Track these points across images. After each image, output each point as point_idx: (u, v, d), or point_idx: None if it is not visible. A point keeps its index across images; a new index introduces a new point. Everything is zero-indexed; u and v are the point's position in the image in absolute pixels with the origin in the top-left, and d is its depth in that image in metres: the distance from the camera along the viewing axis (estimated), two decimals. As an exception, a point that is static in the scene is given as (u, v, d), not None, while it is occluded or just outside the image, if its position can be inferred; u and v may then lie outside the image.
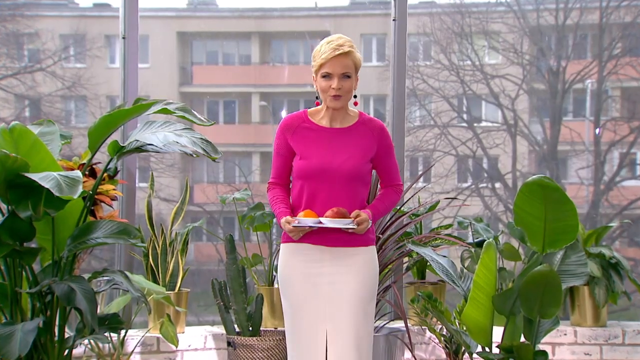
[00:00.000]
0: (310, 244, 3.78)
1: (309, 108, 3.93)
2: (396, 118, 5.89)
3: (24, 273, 4.15)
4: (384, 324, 5.31)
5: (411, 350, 5.09)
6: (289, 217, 3.71)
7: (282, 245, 3.88)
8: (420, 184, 7.01)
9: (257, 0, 8.46)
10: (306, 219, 3.67)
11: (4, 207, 4.09)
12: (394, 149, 3.93)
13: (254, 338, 4.91)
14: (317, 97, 3.84)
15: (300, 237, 3.75)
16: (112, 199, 4.74)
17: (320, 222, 3.65)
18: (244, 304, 5.02)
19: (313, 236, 3.76)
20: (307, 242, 3.78)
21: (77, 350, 4.86)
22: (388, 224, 5.15)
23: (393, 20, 5.88)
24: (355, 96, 3.83)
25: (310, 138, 3.82)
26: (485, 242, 4.37)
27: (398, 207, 5.28)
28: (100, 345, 4.89)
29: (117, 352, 4.84)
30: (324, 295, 3.73)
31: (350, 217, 3.70)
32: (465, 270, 4.81)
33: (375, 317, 5.09)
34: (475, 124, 9.24)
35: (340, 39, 3.77)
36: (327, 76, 3.74)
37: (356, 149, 3.79)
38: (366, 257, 3.79)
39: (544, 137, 8.98)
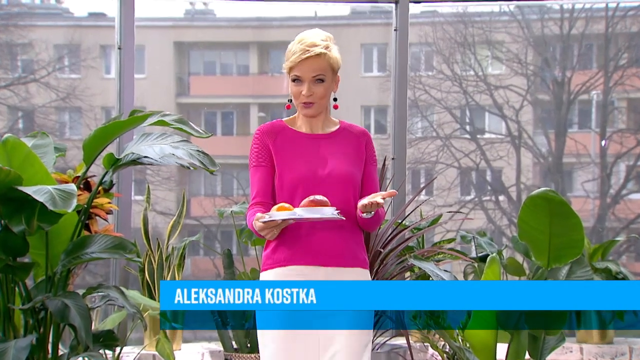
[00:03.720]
0: (298, 266, 3.29)
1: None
2: (398, 129, 5.89)
3: (16, 289, 4.15)
4: (386, 341, 5.30)
5: (413, 368, 5.08)
6: (259, 214, 3.18)
7: (261, 274, 3.38)
8: (422, 197, 7.01)
9: (256, 10, 8.48)
10: (279, 213, 3.14)
11: (-4, 221, 4.09)
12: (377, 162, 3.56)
13: (252, 355, 4.91)
14: (289, 100, 3.45)
15: (275, 236, 3.23)
16: (108, 213, 4.73)
17: (296, 214, 3.13)
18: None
19: (301, 255, 3.30)
20: (294, 265, 3.30)
21: (71, 368, 4.85)
22: (389, 237, 5.15)
23: (394, 29, 5.90)
24: (335, 99, 3.47)
25: (294, 145, 3.41)
26: (488, 257, 4.36)
27: (400, 221, 5.28)
28: (95, 362, 4.88)
29: (112, 370, 4.83)
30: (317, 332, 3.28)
31: (331, 206, 3.17)
32: (468, 286, 4.80)
33: (376, 333, 5.09)
34: (478, 136, 9.24)
35: (315, 36, 3.39)
36: (297, 80, 3.37)
37: (345, 153, 3.42)
38: None
39: (549, 149, 8.99)
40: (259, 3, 6.37)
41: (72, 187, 3.83)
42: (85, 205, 4.28)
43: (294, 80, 3.38)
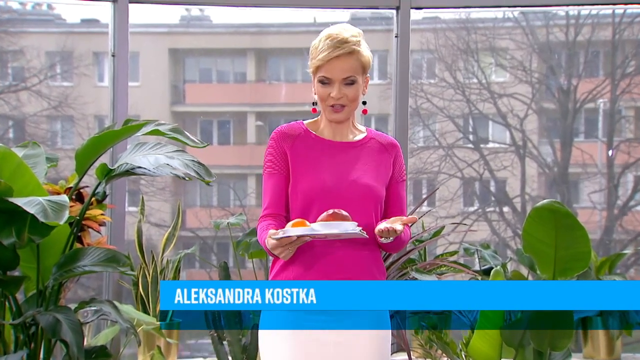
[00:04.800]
0: None
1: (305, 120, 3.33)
2: (399, 139, 5.90)
3: (7, 303, 4.15)
4: (387, 357, 5.29)
5: (415, 384, 5.08)
6: (272, 231, 2.98)
7: None
8: (424, 208, 7.01)
9: (253, 16, 8.51)
10: (294, 229, 2.94)
11: (-14, 233, 4.09)
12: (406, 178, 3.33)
13: (249, 371, 4.90)
14: (314, 104, 3.24)
15: (290, 256, 3.04)
16: (101, 225, 4.74)
17: (314, 230, 2.94)
18: (238, 335, 5.01)
19: (313, 276, 3.09)
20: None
21: (63, 385, 4.85)
22: (390, 250, 5.14)
23: (395, 36, 5.90)
24: (364, 102, 3.24)
25: (313, 152, 3.18)
26: (492, 270, 4.37)
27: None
28: (87, 379, 4.88)
29: (104, 387, 4.82)
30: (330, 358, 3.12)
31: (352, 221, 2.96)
32: (471, 300, 4.79)
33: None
34: (481, 145, 9.25)
35: (345, 31, 3.14)
36: (325, 81, 3.14)
37: (370, 166, 3.19)
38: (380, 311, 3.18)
39: (554, 159, 8.99)
40: (256, 9, 6.38)
41: (64, 198, 3.83)
42: (78, 217, 4.28)
43: (321, 82, 3.14)
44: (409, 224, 3.16)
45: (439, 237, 5.58)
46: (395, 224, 3.02)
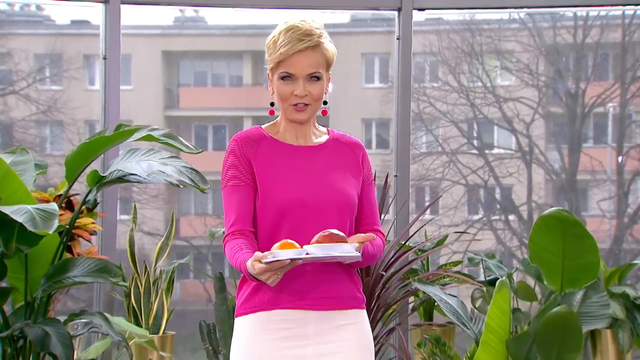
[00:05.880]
0: (286, 310, 2.94)
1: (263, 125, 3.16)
2: (401, 144, 5.90)
3: (-7, 315, 4.15)
4: (388, 371, 5.29)
5: (418, 400, 5.07)
6: (259, 253, 2.73)
7: (237, 320, 3.01)
8: (427, 216, 7.02)
9: (250, 17, 8.49)
10: (285, 252, 2.71)
11: (-28, 242, 4.09)
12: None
13: (246, 386, 4.89)
14: (271, 104, 3.09)
15: (277, 281, 2.77)
16: (91, 234, 4.74)
17: (308, 253, 2.72)
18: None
19: (288, 296, 2.93)
20: (280, 308, 2.93)
21: (52, 400, 4.84)
22: (392, 260, 5.15)
23: (397, 38, 5.92)
24: (325, 102, 3.06)
25: (279, 159, 3.01)
26: (498, 281, 4.37)
27: (403, 242, 5.28)
28: (77, 394, 4.88)
29: (95, 402, 4.82)
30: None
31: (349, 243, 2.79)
32: (476, 311, 4.81)
33: (378, 363, 5.09)
34: (486, 151, 9.24)
35: (305, 23, 3.00)
36: (287, 78, 2.99)
37: (340, 170, 3.04)
38: (360, 329, 3.01)
39: (562, 166, 8.99)
40: (253, 10, 6.40)
41: (54, 206, 3.83)
42: (68, 226, 4.28)
43: (282, 78, 3.00)
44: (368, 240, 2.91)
45: (443, 246, 5.59)
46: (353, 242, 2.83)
